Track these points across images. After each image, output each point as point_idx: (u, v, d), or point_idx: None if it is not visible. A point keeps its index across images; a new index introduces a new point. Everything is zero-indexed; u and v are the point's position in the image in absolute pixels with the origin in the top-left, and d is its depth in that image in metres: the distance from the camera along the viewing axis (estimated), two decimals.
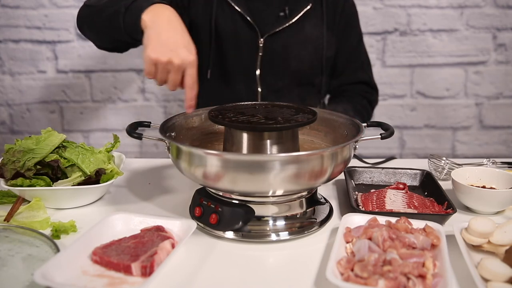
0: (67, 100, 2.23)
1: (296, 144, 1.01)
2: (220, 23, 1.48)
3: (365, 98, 1.60)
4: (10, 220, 0.98)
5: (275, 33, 1.48)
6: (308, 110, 1.04)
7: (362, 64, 1.63)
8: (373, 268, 0.76)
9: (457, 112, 2.25)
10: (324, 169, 0.89)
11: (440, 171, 1.22)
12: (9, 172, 1.04)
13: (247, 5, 1.48)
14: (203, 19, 1.49)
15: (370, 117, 1.64)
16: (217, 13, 1.48)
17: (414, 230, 0.88)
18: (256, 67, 1.50)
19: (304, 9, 1.49)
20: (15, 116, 2.26)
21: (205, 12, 1.48)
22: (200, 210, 0.96)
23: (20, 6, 2.12)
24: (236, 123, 0.95)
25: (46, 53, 2.18)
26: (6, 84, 2.21)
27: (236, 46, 1.50)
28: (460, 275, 0.82)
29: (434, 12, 2.14)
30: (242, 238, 0.93)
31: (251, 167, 0.85)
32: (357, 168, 1.21)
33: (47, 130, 1.10)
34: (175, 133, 1.05)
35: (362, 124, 1.01)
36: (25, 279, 0.78)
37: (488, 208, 1.04)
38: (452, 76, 2.21)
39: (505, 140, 2.29)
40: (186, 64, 1.01)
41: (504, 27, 2.15)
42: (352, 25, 1.60)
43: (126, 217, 0.94)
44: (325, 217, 1.00)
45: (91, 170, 1.07)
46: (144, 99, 2.24)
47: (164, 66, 1.01)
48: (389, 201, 1.04)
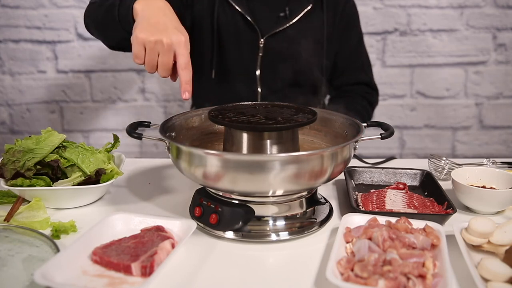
0: (67, 100, 2.23)
1: (296, 144, 1.01)
2: (222, 23, 1.48)
3: (365, 99, 1.60)
4: (10, 220, 0.98)
5: (275, 33, 1.48)
6: (308, 110, 1.04)
7: (362, 64, 1.63)
8: (373, 268, 0.76)
9: (457, 112, 2.25)
10: (324, 169, 0.89)
11: (440, 171, 1.22)
12: (9, 172, 1.04)
13: (248, 6, 1.49)
14: (206, 19, 1.49)
15: (370, 117, 1.64)
16: (219, 13, 1.48)
17: (414, 230, 0.88)
18: (256, 67, 1.50)
19: (304, 9, 1.49)
20: (15, 116, 2.26)
21: (208, 12, 1.49)
22: (200, 210, 0.96)
23: (20, 6, 2.12)
24: (236, 123, 0.95)
25: (46, 53, 2.18)
26: (6, 84, 2.21)
27: (237, 46, 1.50)
28: (460, 275, 0.82)
29: (434, 12, 2.14)
30: (242, 238, 0.93)
31: (251, 167, 0.85)
32: (357, 168, 1.21)
33: (47, 130, 1.10)
34: (175, 133, 1.05)
35: (362, 124, 1.01)
36: (25, 279, 0.78)
37: (488, 208, 1.04)
38: (452, 76, 2.21)
39: (505, 140, 2.29)
40: (176, 44, 0.96)
41: (504, 27, 2.15)
42: (352, 26, 1.60)
43: (126, 217, 0.94)
44: (325, 217, 1.00)
45: (91, 170, 1.07)
46: (144, 99, 2.24)
47: (153, 47, 0.96)
48: (389, 201, 1.04)
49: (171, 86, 2.21)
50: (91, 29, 1.35)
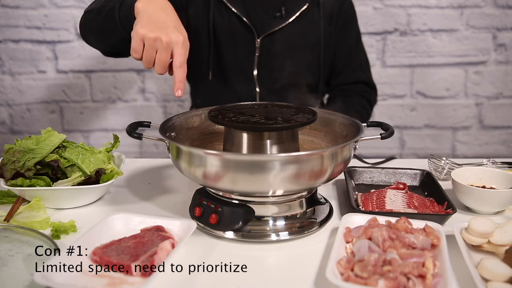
0: (67, 100, 2.23)
1: (296, 144, 1.01)
2: (218, 25, 1.48)
3: (364, 98, 1.61)
4: (10, 220, 0.98)
5: (271, 33, 1.48)
6: (308, 110, 1.04)
7: (360, 63, 1.63)
8: (373, 268, 0.76)
9: (457, 112, 2.25)
10: (324, 169, 0.89)
11: (440, 171, 1.22)
12: (9, 172, 1.04)
13: (243, 6, 1.49)
14: (201, 21, 1.49)
15: (370, 116, 1.65)
16: (214, 14, 1.48)
17: (414, 230, 0.88)
18: (254, 67, 1.50)
19: (300, 9, 1.49)
20: (15, 116, 2.26)
21: (203, 14, 1.49)
22: (200, 210, 0.96)
23: (20, 6, 2.12)
24: (236, 123, 0.95)
25: (46, 53, 2.18)
26: (6, 84, 2.21)
27: (233, 46, 1.50)
28: (460, 275, 0.82)
29: (434, 12, 2.14)
30: (242, 238, 0.93)
31: (251, 167, 0.85)
32: (357, 168, 1.21)
33: (47, 130, 1.10)
34: (175, 133, 1.05)
35: (362, 124, 1.01)
36: (25, 279, 0.78)
37: (488, 208, 1.04)
38: (452, 76, 2.21)
39: (505, 140, 2.29)
40: (175, 43, 0.98)
41: (504, 27, 2.15)
42: (350, 25, 1.60)
43: (126, 217, 0.94)
44: (325, 217, 1.00)
45: (91, 170, 1.07)
46: (144, 99, 2.24)
47: (152, 43, 0.98)
48: (389, 201, 1.04)
49: (171, 86, 2.20)
50: (88, 37, 1.35)
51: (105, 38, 1.29)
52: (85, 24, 1.32)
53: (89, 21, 1.30)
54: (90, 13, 1.28)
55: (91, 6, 1.30)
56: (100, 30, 1.26)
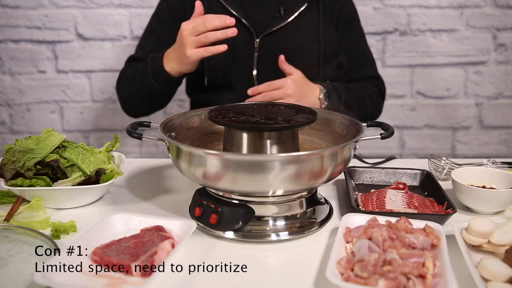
0: (67, 100, 2.23)
1: (296, 144, 1.01)
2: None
3: (377, 87, 1.62)
4: (10, 220, 0.98)
5: (270, 33, 1.49)
6: (308, 110, 1.04)
7: (367, 61, 1.65)
8: (373, 268, 0.76)
9: (457, 112, 2.25)
10: (324, 169, 0.89)
11: (440, 171, 1.22)
12: (9, 172, 1.04)
13: (242, 6, 1.49)
14: None
15: (380, 105, 1.64)
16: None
17: (414, 230, 0.88)
18: (253, 68, 1.51)
19: (299, 9, 1.50)
20: (15, 116, 2.26)
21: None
22: (200, 210, 0.96)
23: (20, 6, 2.12)
24: (236, 123, 0.95)
25: (46, 53, 2.17)
26: (6, 84, 2.21)
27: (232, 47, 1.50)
28: (460, 275, 0.82)
29: (434, 12, 2.14)
30: (242, 238, 0.93)
31: (251, 167, 0.85)
32: (357, 168, 1.21)
33: (47, 130, 1.10)
34: (175, 133, 1.05)
35: (362, 124, 1.01)
36: (25, 279, 0.78)
37: (488, 208, 1.04)
38: (452, 76, 2.21)
39: (505, 140, 2.29)
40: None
41: (504, 27, 2.15)
42: (352, 24, 1.61)
43: (126, 217, 0.94)
44: (325, 217, 1.00)
45: (91, 170, 1.07)
46: None
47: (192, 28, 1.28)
48: (389, 201, 1.04)
49: None
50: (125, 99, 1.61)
51: (141, 99, 1.55)
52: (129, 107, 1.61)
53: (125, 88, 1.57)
54: (125, 79, 1.54)
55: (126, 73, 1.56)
56: (137, 93, 1.51)
